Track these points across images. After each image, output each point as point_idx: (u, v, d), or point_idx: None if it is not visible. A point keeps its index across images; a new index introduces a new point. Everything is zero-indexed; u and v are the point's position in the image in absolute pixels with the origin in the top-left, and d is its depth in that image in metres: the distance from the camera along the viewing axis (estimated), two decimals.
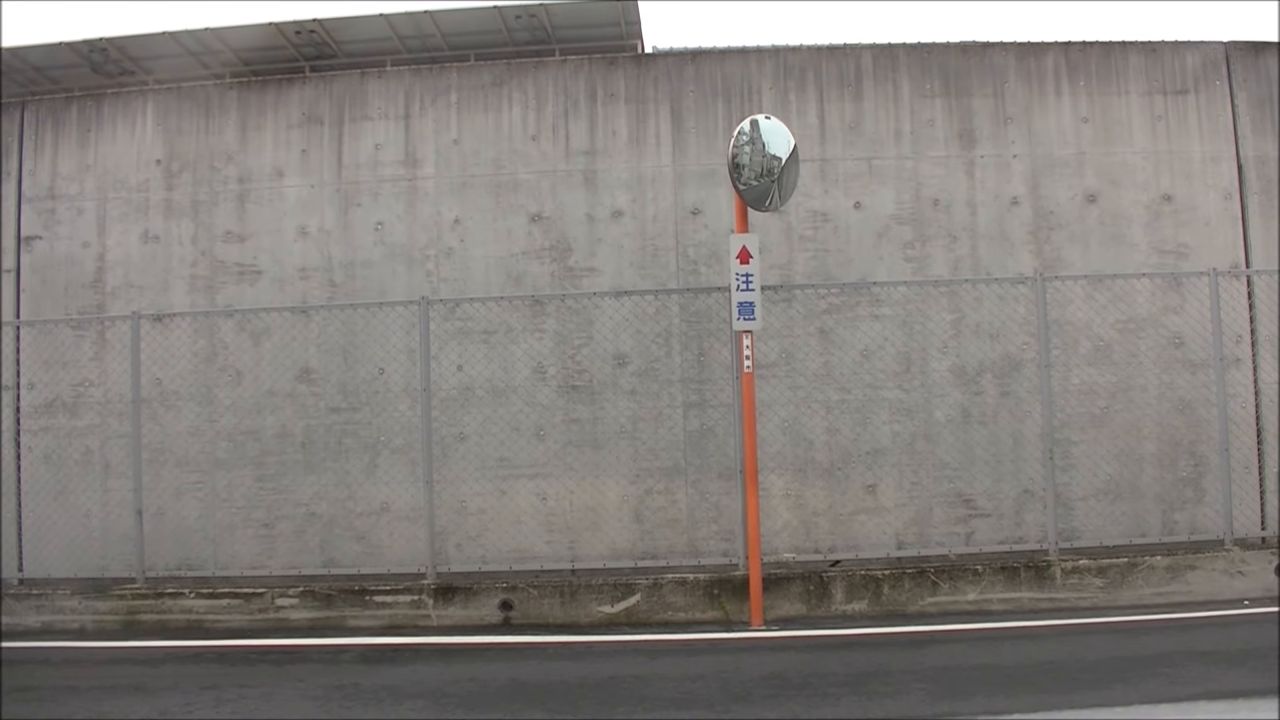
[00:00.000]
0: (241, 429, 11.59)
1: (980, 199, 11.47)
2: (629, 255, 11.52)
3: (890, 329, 11.32)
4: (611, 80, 11.74)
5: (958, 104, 11.60)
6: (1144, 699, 6.45)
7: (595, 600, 9.87)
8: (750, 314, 9.42)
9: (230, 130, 11.98)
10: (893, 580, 9.83)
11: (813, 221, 11.45)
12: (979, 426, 11.26)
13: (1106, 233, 11.45)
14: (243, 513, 11.52)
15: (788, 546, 10.99)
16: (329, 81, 12.02)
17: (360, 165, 11.80)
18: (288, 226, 11.79)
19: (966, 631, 8.92)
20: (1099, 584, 9.78)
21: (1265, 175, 11.52)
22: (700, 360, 11.33)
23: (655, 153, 11.61)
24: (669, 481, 11.28)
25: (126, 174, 12.02)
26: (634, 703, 6.87)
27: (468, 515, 11.31)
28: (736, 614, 9.59)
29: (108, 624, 10.23)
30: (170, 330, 11.44)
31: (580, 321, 11.41)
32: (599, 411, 11.36)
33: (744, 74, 11.69)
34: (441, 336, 11.29)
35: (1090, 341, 11.28)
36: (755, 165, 9.40)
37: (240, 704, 7.14)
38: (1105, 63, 11.67)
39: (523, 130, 11.72)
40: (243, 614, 10.11)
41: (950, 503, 11.20)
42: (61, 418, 11.78)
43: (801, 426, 11.27)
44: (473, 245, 11.61)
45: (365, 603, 10.03)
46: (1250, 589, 9.74)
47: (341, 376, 11.54)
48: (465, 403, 11.39)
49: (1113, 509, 11.11)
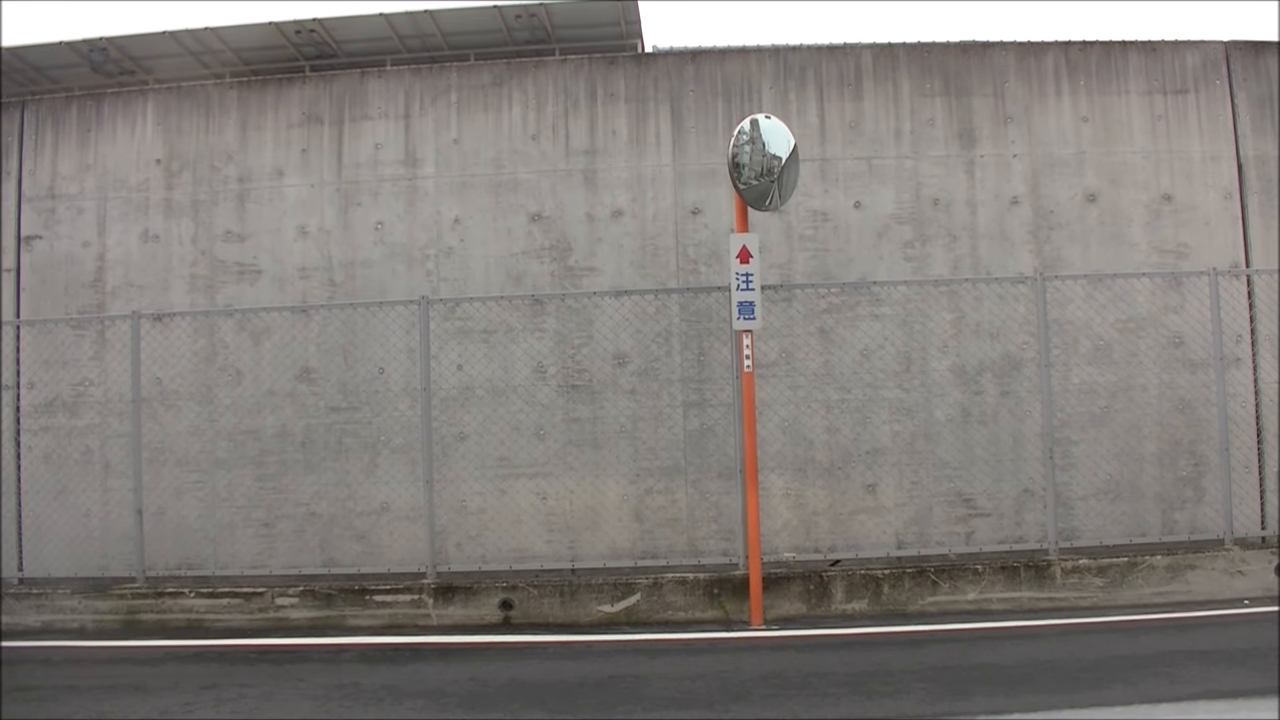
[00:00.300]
0: (241, 428, 11.59)
1: (980, 198, 11.47)
2: (629, 255, 11.52)
3: (890, 328, 11.31)
4: (611, 80, 11.73)
5: (958, 103, 11.59)
6: (1144, 699, 6.46)
7: (595, 600, 9.87)
8: (750, 313, 9.42)
9: (230, 130, 11.97)
10: (893, 580, 9.83)
11: (813, 221, 11.45)
12: (979, 426, 11.26)
13: (1106, 232, 11.45)
14: (243, 512, 11.52)
15: (788, 546, 10.99)
16: (329, 81, 12.01)
17: (360, 165, 11.79)
18: (288, 226, 11.79)
19: (966, 631, 8.91)
20: (1099, 583, 9.78)
21: (1265, 175, 11.52)
22: (700, 360, 11.33)
23: (655, 152, 11.60)
24: (669, 481, 11.28)
25: (126, 173, 12.01)
26: (634, 702, 6.87)
27: (468, 515, 11.31)
28: (736, 613, 9.59)
29: (108, 623, 10.23)
30: (170, 330, 11.45)
31: (580, 321, 11.41)
32: (599, 411, 11.36)
33: (744, 73, 11.68)
34: (441, 336, 11.29)
35: (1090, 341, 11.27)
36: (755, 164, 9.39)
37: (240, 703, 7.15)
38: (1105, 62, 11.67)
39: (523, 130, 11.71)
40: (243, 613, 10.11)
41: (950, 502, 11.19)
42: (61, 417, 11.78)
43: (801, 426, 11.27)
44: (473, 245, 11.61)
45: (365, 602, 10.03)
46: (1250, 588, 9.75)
47: (341, 376, 11.54)
48: (465, 402, 11.39)
49: (1113, 508, 11.11)
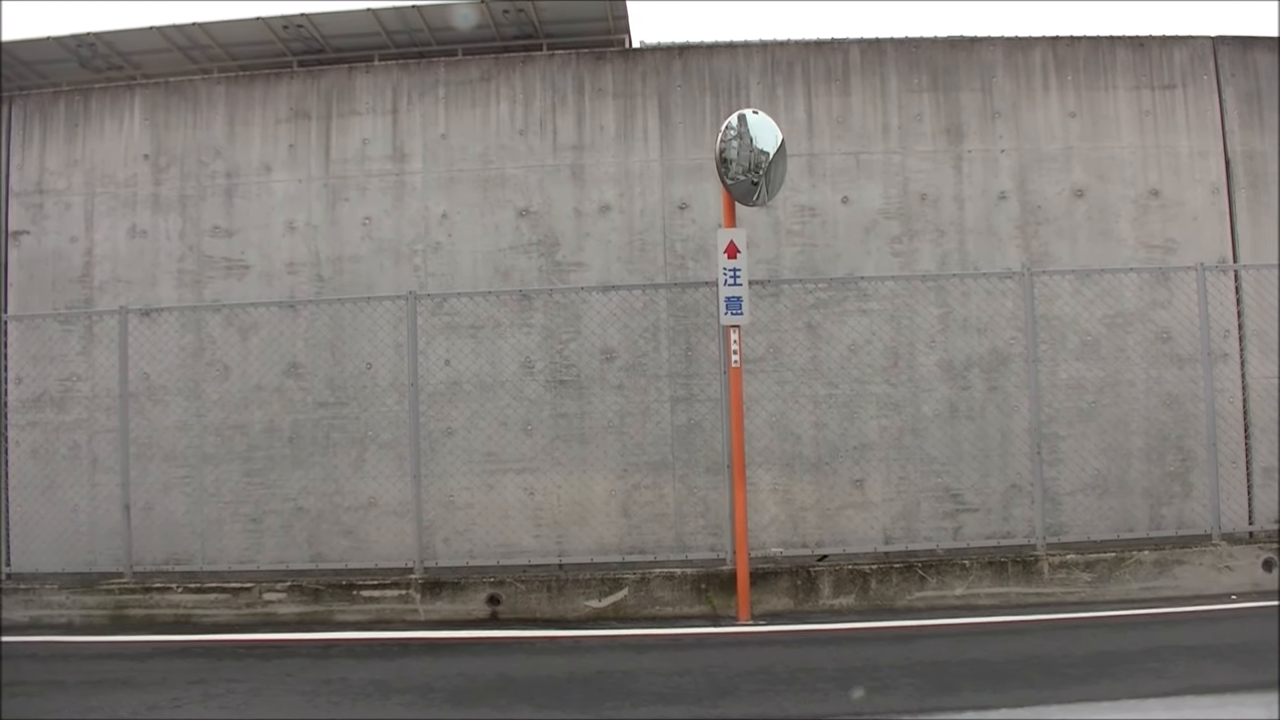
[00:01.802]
0: (229, 424, 11.56)
1: (968, 194, 11.47)
2: (616, 250, 11.51)
3: (878, 324, 11.32)
4: (599, 75, 11.71)
5: (946, 99, 11.59)
6: (1131, 694, 6.47)
7: (583, 595, 9.87)
8: (738, 309, 9.42)
9: (218, 125, 11.94)
10: (880, 575, 9.84)
11: (800, 216, 11.45)
12: (966, 421, 11.27)
13: (1094, 228, 11.46)
14: (230, 507, 11.50)
15: (775, 541, 10.99)
16: (317, 76, 11.98)
17: (348, 160, 11.77)
18: (275, 221, 11.76)
19: (954, 626, 8.91)
20: (1086, 579, 9.79)
21: (1252, 170, 11.54)
22: (688, 355, 11.33)
23: (643, 147, 11.59)
24: (656, 476, 11.27)
25: (114, 169, 11.98)
26: (621, 697, 6.87)
27: (455, 510, 11.30)
28: (724, 609, 9.60)
29: (95, 619, 10.22)
30: (158, 325, 11.43)
31: (568, 316, 11.40)
32: (586, 406, 11.36)
33: (732, 69, 11.67)
34: (429, 331, 11.27)
35: (1078, 336, 11.29)
36: (743, 160, 9.39)
37: (228, 699, 7.15)
38: (1093, 57, 11.68)
39: (510, 125, 11.70)
40: (230, 609, 10.11)
41: (938, 497, 11.20)
42: (49, 412, 11.75)
43: (789, 421, 11.27)
44: (460, 240, 11.59)
45: (353, 597, 10.02)
46: (1238, 584, 9.76)
47: (329, 371, 11.52)
48: (453, 397, 11.38)
49: (1100, 504, 11.13)
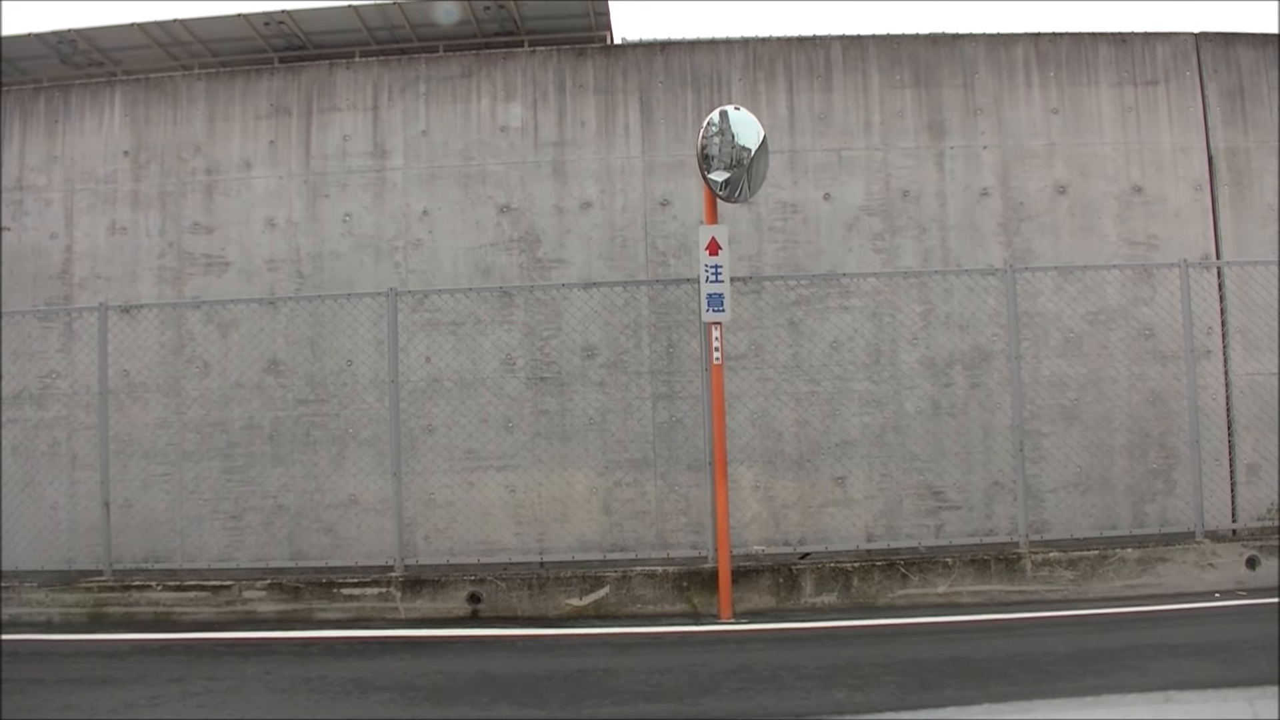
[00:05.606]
0: (209, 421, 11.51)
1: (950, 190, 11.47)
2: (598, 246, 11.48)
3: (860, 320, 11.30)
4: (580, 71, 11.68)
5: (927, 95, 11.58)
6: (1114, 691, 6.45)
7: (564, 593, 9.83)
8: (720, 305, 9.39)
9: (198, 121, 11.89)
10: (862, 573, 9.82)
11: (782, 212, 11.43)
12: (949, 418, 11.26)
13: (1077, 224, 11.46)
14: (210, 505, 11.45)
15: (757, 539, 10.97)
16: (297, 73, 11.93)
17: (328, 156, 11.72)
18: (255, 218, 11.72)
19: (936, 624, 8.88)
20: (1069, 576, 9.79)
21: (1235, 166, 11.55)
22: (669, 352, 11.30)
23: (624, 144, 11.56)
24: (638, 473, 11.25)
25: (94, 165, 11.92)
26: (602, 695, 6.83)
27: (436, 507, 11.26)
28: (705, 607, 9.58)
29: (74, 616, 10.15)
30: (137, 322, 11.38)
31: (549, 313, 11.37)
32: (567, 403, 11.32)
33: (713, 65, 11.64)
34: (410, 328, 11.23)
35: (1060, 333, 11.29)
36: (725, 156, 9.36)
37: (207, 696, 7.08)
38: (1075, 53, 11.67)
39: (491, 121, 11.66)
40: (210, 606, 10.05)
41: (920, 495, 11.19)
42: (28, 409, 11.68)
43: (771, 418, 11.25)
44: (441, 237, 11.55)
45: (333, 595, 9.97)
46: (1221, 581, 9.76)
47: (309, 368, 11.48)
48: (433, 394, 11.34)
49: (1083, 501, 11.13)
